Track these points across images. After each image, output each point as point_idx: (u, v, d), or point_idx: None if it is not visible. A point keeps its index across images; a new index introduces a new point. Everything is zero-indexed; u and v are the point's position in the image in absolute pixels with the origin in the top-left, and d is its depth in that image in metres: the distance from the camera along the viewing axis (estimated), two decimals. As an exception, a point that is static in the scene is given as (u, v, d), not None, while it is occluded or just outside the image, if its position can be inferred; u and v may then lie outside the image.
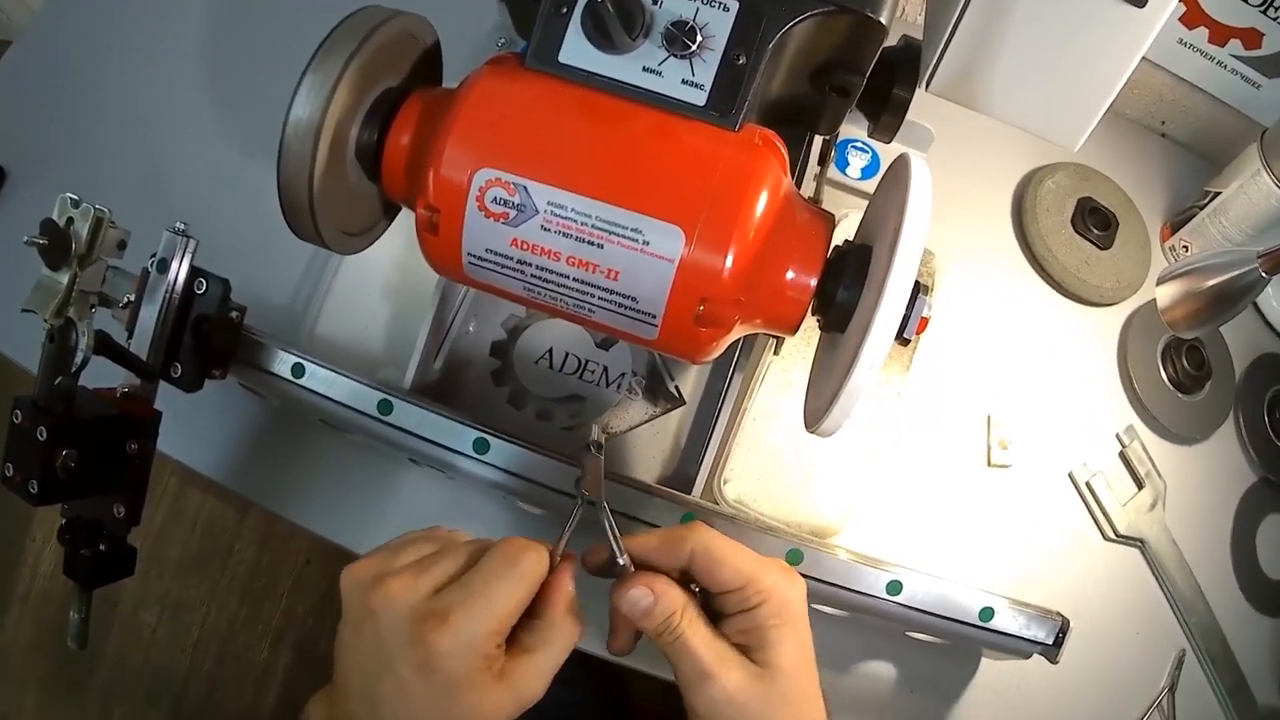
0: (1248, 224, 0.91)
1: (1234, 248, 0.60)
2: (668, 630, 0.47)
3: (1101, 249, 0.90)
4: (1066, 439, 0.86)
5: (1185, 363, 0.89)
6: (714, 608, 0.50)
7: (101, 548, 0.57)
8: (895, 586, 0.68)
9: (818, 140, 0.74)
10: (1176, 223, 0.96)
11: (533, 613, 0.47)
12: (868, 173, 0.86)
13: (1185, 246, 0.95)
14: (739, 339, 0.57)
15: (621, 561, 0.50)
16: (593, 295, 0.48)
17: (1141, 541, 0.85)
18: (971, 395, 0.85)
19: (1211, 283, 0.62)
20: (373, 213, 0.58)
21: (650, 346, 0.50)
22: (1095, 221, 0.90)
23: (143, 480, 0.58)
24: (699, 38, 0.46)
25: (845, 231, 0.64)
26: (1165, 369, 0.90)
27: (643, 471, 0.76)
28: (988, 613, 0.68)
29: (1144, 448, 0.87)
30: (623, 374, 0.77)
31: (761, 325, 0.52)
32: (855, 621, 0.72)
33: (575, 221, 0.45)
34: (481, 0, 0.82)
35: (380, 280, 0.78)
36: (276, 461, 0.74)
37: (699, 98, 0.46)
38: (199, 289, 0.61)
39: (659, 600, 0.47)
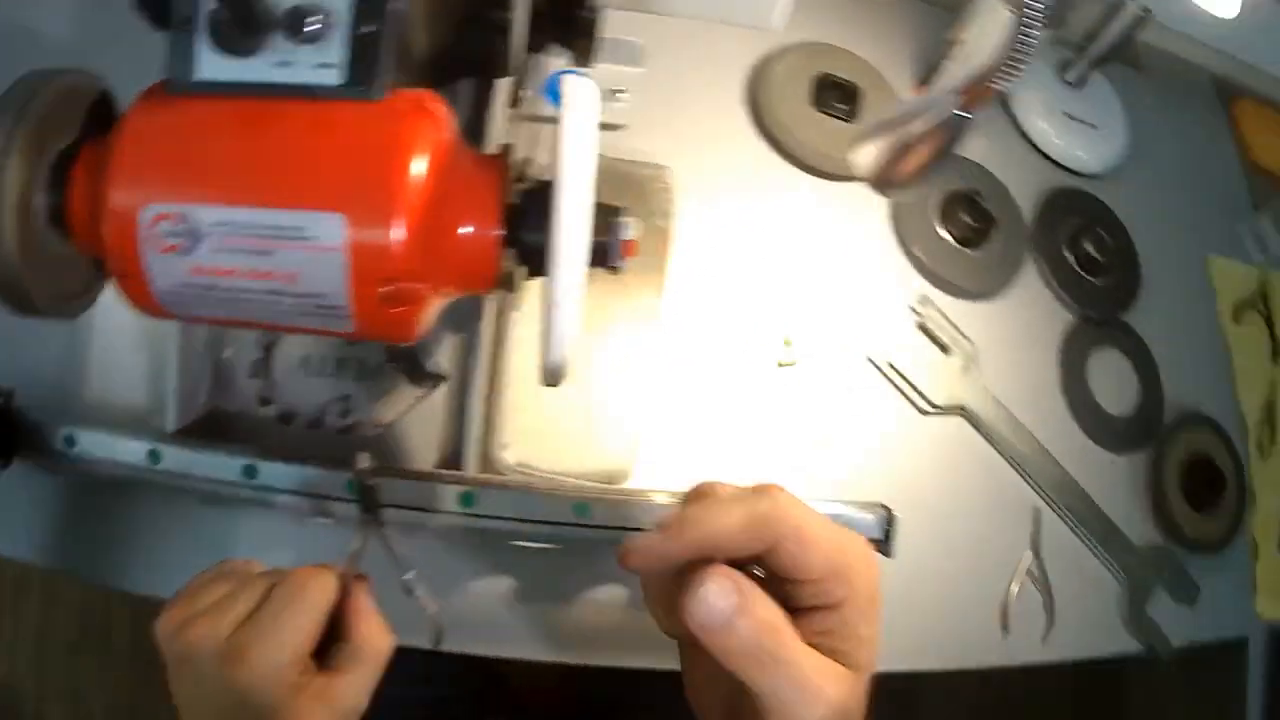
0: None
1: (937, 93, 0.54)
2: (759, 648, 0.37)
3: (849, 123, 0.85)
4: (857, 323, 0.81)
5: (965, 217, 0.84)
6: (781, 594, 0.40)
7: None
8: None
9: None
10: (925, 80, 0.90)
11: (338, 635, 0.48)
12: (584, 102, 0.79)
13: (944, 102, 0.90)
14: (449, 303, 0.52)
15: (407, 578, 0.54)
16: (282, 303, 0.45)
17: (962, 408, 0.80)
18: (742, 301, 0.79)
19: (911, 132, 0.55)
20: (88, 271, 0.54)
21: (355, 338, 0.49)
22: (837, 96, 0.85)
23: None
24: (318, 16, 0.44)
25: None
26: (946, 229, 0.85)
27: (421, 457, 0.71)
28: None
29: (942, 314, 0.82)
30: (379, 363, 0.72)
31: (460, 288, 0.50)
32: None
33: (242, 235, 0.43)
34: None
35: (132, 330, 0.73)
36: (86, 531, 0.69)
37: (335, 77, 0.44)
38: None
39: (750, 611, 0.37)
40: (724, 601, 0.37)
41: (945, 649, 0.75)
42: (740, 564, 0.40)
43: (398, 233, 0.43)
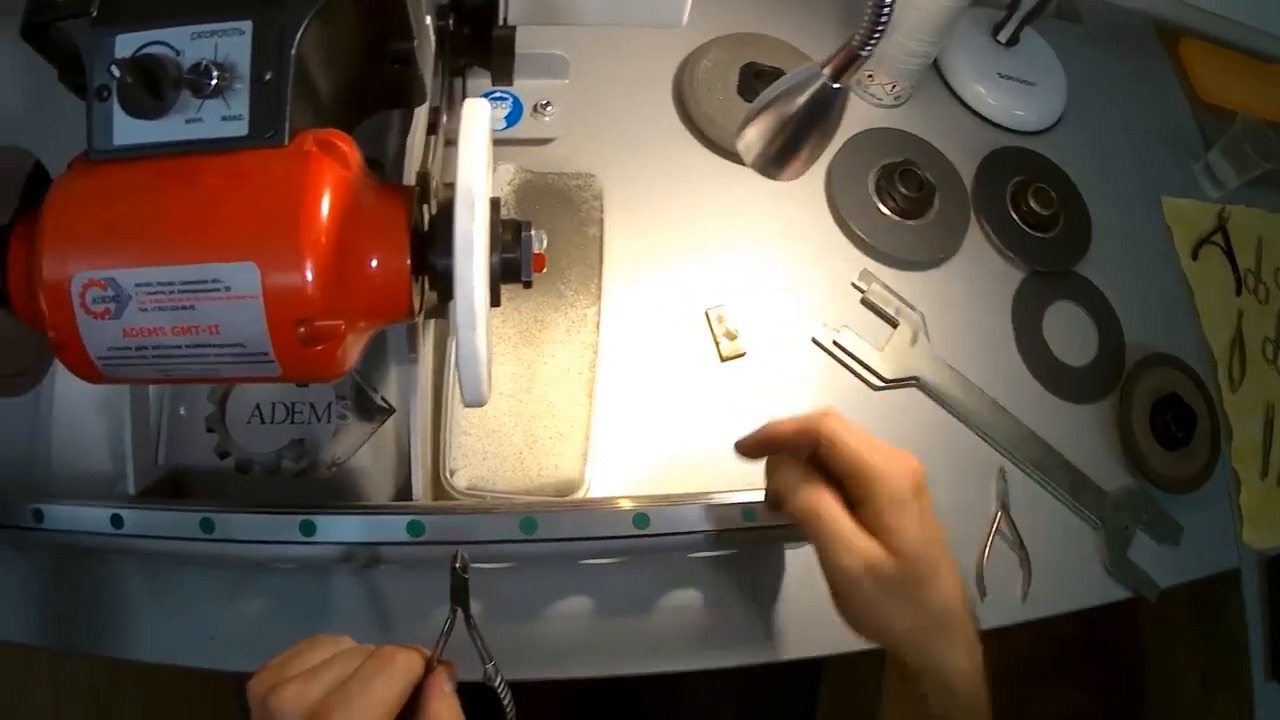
0: (923, 33, 0.86)
1: (807, 67, 0.52)
2: (809, 511, 0.51)
3: (776, 110, 0.83)
4: (800, 308, 0.80)
5: (902, 189, 0.83)
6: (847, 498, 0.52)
7: None
8: (641, 520, 0.62)
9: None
10: (852, 58, 0.89)
11: (414, 711, 0.49)
12: (511, 120, 0.79)
13: (870, 76, 0.89)
14: (370, 337, 0.52)
15: (488, 668, 0.53)
16: (209, 355, 0.45)
17: (916, 379, 0.78)
18: (681, 299, 0.78)
19: (789, 112, 0.54)
20: (32, 348, 0.56)
21: (281, 381, 0.48)
22: (763, 84, 0.82)
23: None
24: (215, 73, 0.44)
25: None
26: (884, 203, 0.84)
27: (377, 492, 0.70)
28: (750, 513, 0.63)
29: (885, 286, 0.81)
30: (329, 403, 0.71)
31: (378, 320, 0.50)
32: (634, 564, 0.66)
33: (164, 293, 0.44)
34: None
35: (90, 398, 0.72)
36: (62, 602, 0.68)
37: (241, 128, 0.45)
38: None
39: (806, 483, 0.52)
40: (789, 478, 0.53)
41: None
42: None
43: (309, 273, 0.43)
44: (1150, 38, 1.11)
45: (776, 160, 0.56)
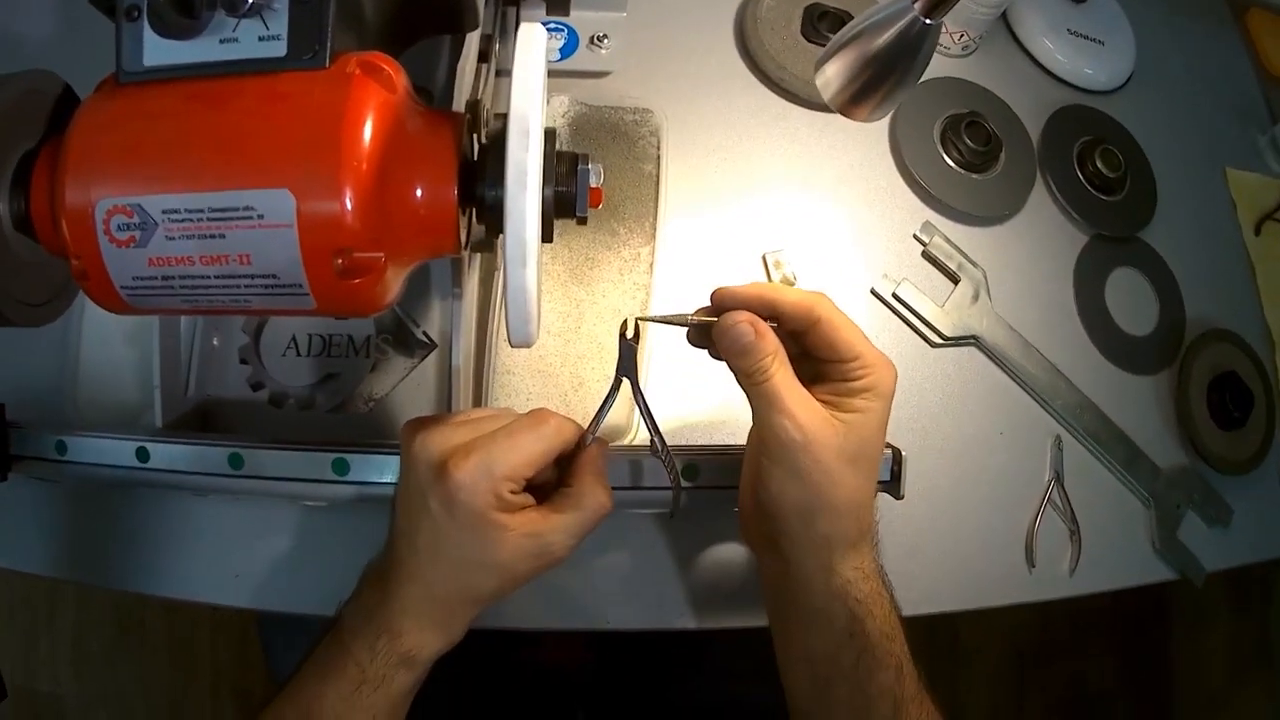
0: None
1: (896, 1, 0.46)
2: (759, 370, 0.48)
3: (842, 51, 0.77)
4: (860, 257, 0.74)
5: (969, 141, 0.77)
6: (813, 370, 0.51)
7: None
8: (691, 470, 0.58)
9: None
10: (922, 3, 0.82)
11: (564, 481, 0.49)
12: (566, 52, 0.73)
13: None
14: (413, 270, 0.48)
15: (655, 439, 0.52)
16: (239, 286, 0.43)
17: (975, 338, 0.73)
18: (740, 241, 0.73)
19: (875, 47, 0.48)
20: (56, 276, 0.51)
21: (316, 314, 0.45)
22: (828, 25, 0.77)
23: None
24: None
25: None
26: (949, 154, 0.78)
27: None
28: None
29: (948, 240, 0.75)
30: (368, 336, 0.67)
31: (420, 254, 0.46)
32: (678, 516, 0.60)
33: (192, 221, 0.41)
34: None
35: (119, 328, 0.68)
36: (88, 537, 0.65)
37: (280, 49, 0.42)
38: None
39: (761, 338, 0.48)
40: (745, 335, 0.48)
41: (969, 589, 0.69)
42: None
43: (349, 201, 0.39)
44: (1219, 5, 1.04)
45: (857, 98, 0.50)
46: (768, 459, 0.49)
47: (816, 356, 0.50)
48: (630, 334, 0.51)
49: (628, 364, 0.51)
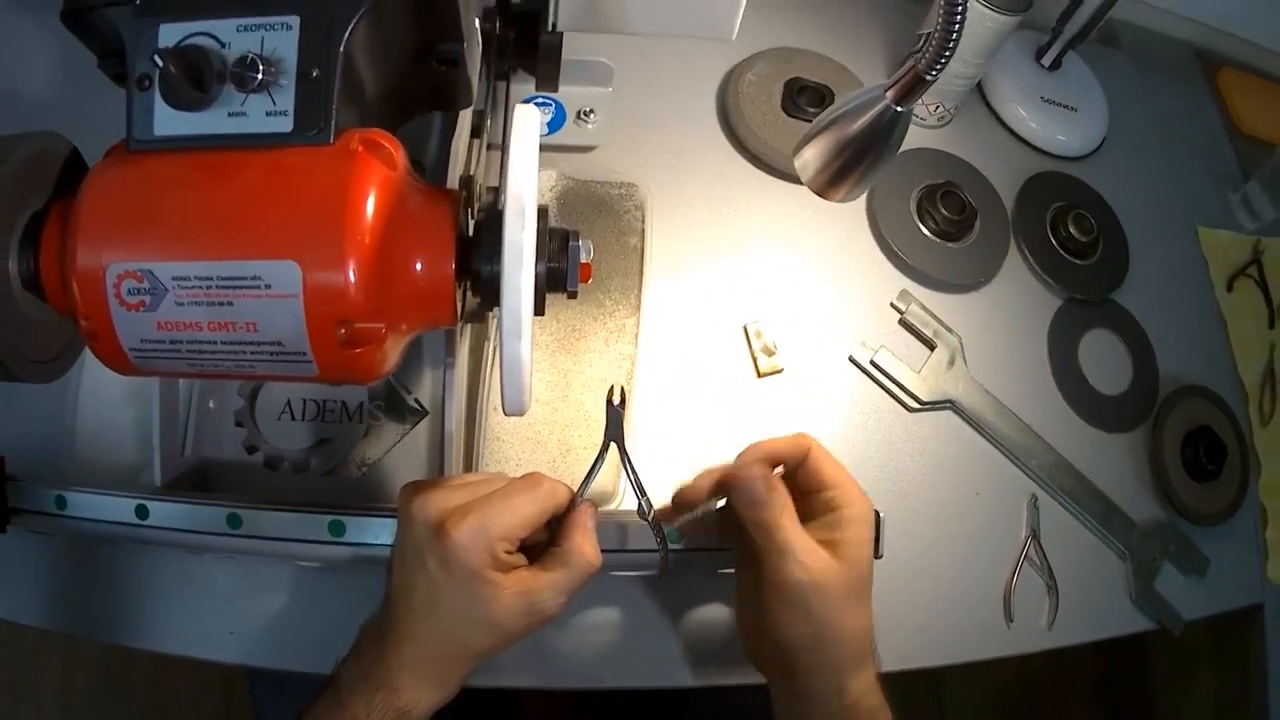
0: (970, 55, 0.82)
1: (870, 88, 0.48)
2: (772, 522, 0.51)
3: (821, 126, 0.79)
4: (838, 326, 0.76)
5: (944, 210, 0.79)
6: (801, 511, 0.53)
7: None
8: (675, 534, 0.59)
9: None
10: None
11: (554, 542, 0.51)
12: (554, 126, 0.75)
13: (914, 98, 0.84)
14: (409, 340, 0.50)
15: (641, 502, 0.53)
16: (245, 352, 0.44)
17: (951, 402, 0.75)
18: (721, 313, 0.75)
19: (849, 133, 0.50)
20: (63, 334, 0.52)
21: (318, 381, 0.46)
22: (807, 100, 0.80)
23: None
24: (261, 67, 0.42)
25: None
26: (925, 224, 0.80)
27: None
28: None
29: (924, 308, 0.77)
30: (361, 402, 0.69)
31: (419, 325, 0.48)
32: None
33: (201, 288, 0.42)
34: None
35: (119, 387, 0.69)
36: (83, 590, 0.65)
37: (286, 124, 0.43)
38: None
39: (773, 491, 0.52)
40: (759, 490, 0.52)
41: (949, 644, 0.70)
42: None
43: (352, 274, 0.41)
44: (1191, 66, 1.07)
45: (833, 181, 0.53)
46: (779, 601, 0.51)
47: (805, 488, 0.55)
48: (617, 400, 0.53)
49: (615, 429, 0.53)
